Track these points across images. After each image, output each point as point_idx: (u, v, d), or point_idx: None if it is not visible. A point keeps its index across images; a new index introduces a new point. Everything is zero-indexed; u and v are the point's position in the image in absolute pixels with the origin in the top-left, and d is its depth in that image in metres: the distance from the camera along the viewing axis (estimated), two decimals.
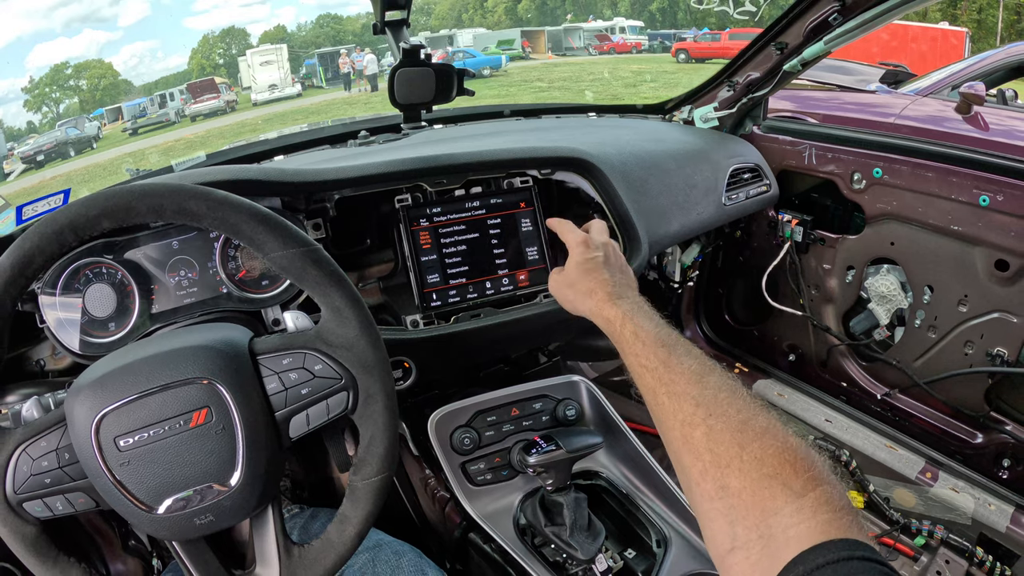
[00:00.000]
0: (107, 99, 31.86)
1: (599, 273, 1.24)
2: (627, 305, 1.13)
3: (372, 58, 26.33)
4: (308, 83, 30.92)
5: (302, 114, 22.71)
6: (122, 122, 26.76)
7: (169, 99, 26.67)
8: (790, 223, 2.31)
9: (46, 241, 0.91)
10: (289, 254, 0.97)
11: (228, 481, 0.93)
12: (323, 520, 1.61)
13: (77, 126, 24.01)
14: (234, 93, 28.25)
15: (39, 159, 21.39)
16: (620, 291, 1.19)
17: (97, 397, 0.90)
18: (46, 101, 33.26)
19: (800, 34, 1.98)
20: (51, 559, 0.93)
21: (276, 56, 28.91)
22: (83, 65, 34.86)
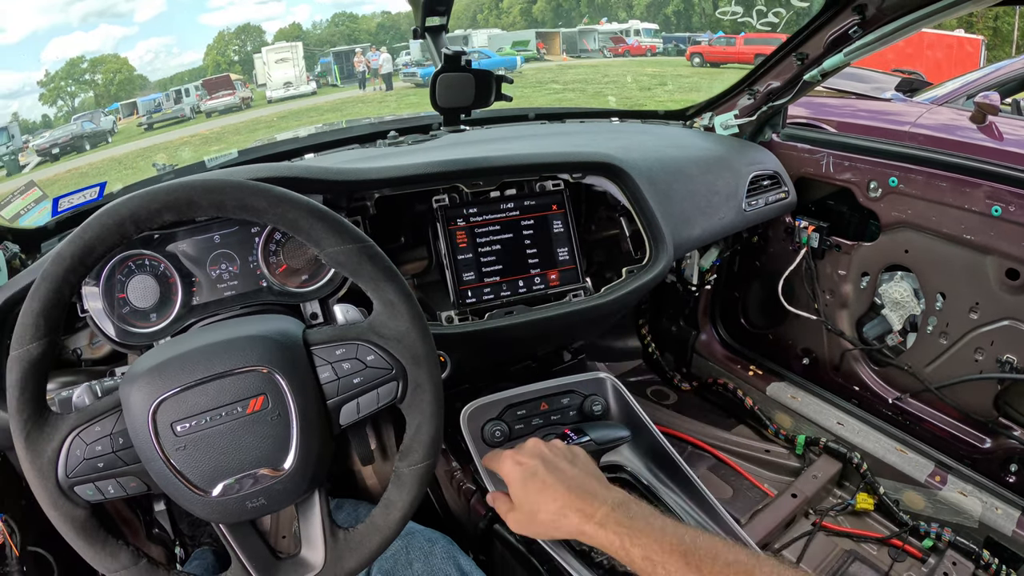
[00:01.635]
0: (122, 94, 31.96)
1: (552, 488, 1.13)
2: (614, 524, 1.04)
3: (387, 57, 26.41)
4: (323, 81, 30.89)
5: (317, 112, 22.66)
6: (137, 117, 26.86)
7: (184, 95, 26.73)
8: (807, 229, 2.34)
9: (107, 232, 0.93)
10: (345, 249, 1.00)
11: (281, 466, 0.96)
12: (348, 510, 1.65)
13: (92, 120, 24.07)
14: (249, 90, 28.29)
15: (54, 152, 21.43)
16: (590, 499, 1.09)
17: (155, 384, 0.93)
18: (61, 95, 33.36)
19: (820, 45, 2.02)
20: (100, 541, 0.95)
21: (291, 54, 28.94)
22: (99, 60, 34.97)
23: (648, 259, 1.80)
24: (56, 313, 0.93)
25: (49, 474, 0.92)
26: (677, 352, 2.95)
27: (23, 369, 0.92)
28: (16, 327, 0.92)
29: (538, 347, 2.11)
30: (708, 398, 2.80)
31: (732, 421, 2.63)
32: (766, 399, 2.54)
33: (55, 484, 0.92)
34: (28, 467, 0.93)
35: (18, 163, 21.32)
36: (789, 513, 2.11)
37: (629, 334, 3.04)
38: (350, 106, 23.50)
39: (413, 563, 1.40)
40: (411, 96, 23.26)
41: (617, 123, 2.57)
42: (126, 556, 0.96)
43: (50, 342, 0.93)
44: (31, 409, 0.93)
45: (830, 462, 2.28)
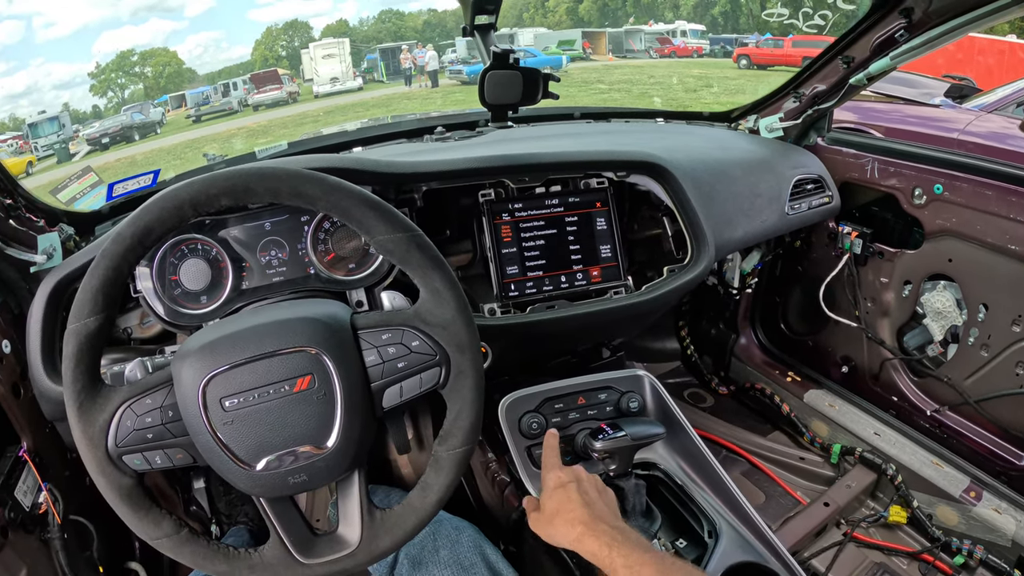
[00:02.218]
0: (171, 86, 32.43)
1: (574, 502, 1.24)
2: (607, 536, 1.14)
3: (433, 54, 26.45)
4: (369, 77, 31.03)
5: (363, 107, 22.73)
6: (185, 109, 27.20)
7: (232, 88, 27.03)
8: (850, 235, 2.32)
9: (167, 214, 0.97)
10: (395, 238, 1.03)
11: (324, 444, 0.99)
12: (381, 496, 1.68)
13: (142, 111, 24.41)
14: (296, 85, 28.51)
15: (104, 141, 21.80)
16: (598, 520, 1.19)
17: (206, 361, 0.97)
18: (111, 86, 33.97)
19: (867, 49, 2.01)
20: (144, 509, 0.98)
21: (338, 50, 29.09)
22: (149, 53, 35.55)
23: (690, 259, 1.81)
24: (113, 290, 0.97)
25: (99, 443, 0.96)
26: (715, 355, 2.94)
27: (79, 342, 0.95)
28: (74, 302, 0.96)
29: (578, 342, 2.13)
30: (745, 403, 2.79)
31: (768, 427, 2.63)
32: (803, 406, 2.52)
33: (104, 453, 0.96)
34: (79, 436, 0.96)
35: (68, 151, 21.70)
36: (821, 522, 2.11)
37: (668, 335, 3.04)
38: (396, 102, 23.63)
39: (440, 549, 1.42)
40: (456, 93, 23.23)
41: (662, 123, 2.58)
42: (169, 524, 0.99)
43: (107, 317, 0.97)
44: (85, 380, 0.96)
45: (865, 472, 2.26)
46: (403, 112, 19.56)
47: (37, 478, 1.48)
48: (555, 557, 1.53)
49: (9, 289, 1.53)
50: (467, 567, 1.39)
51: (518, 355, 1.95)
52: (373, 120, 3.05)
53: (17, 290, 1.54)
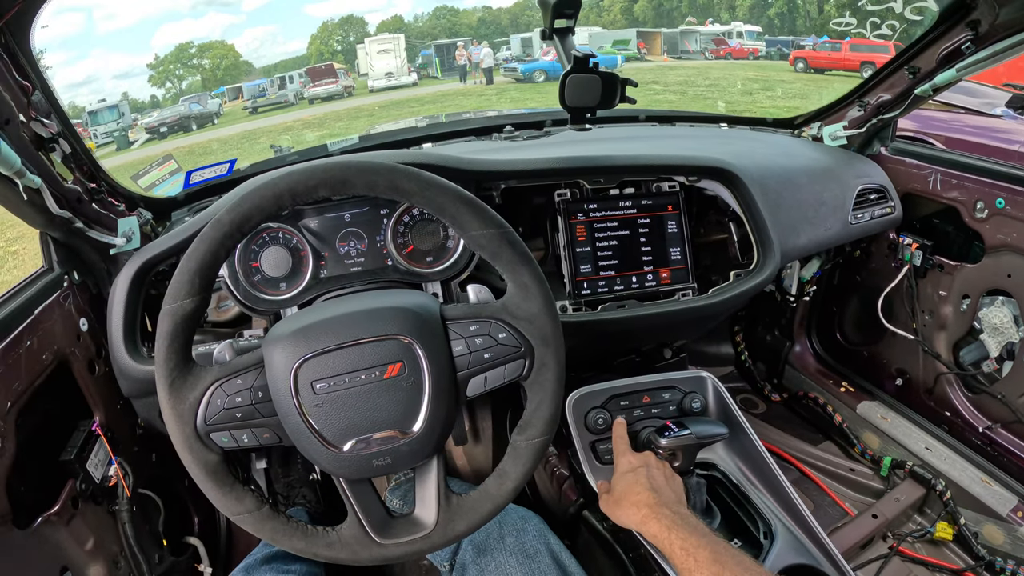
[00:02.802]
0: (228, 78, 32.86)
1: (642, 486, 1.31)
2: (668, 520, 1.20)
3: (488, 51, 26.38)
4: (423, 73, 31.12)
5: (418, 103, 22.82)
6: (242, 101, 27.59)
7: (288, 81, 27.34)
8: (910, 247, 2.30)
9: (267, 202, 1.01)
10: (487, 234, 1.07)
11: (410, 429, 1.03)
12: None
13: (200, 102, 24.81)
14: (351, 79, 28.74)
15: (162, 130, 22.24)
16: (663, 504, 1.25)
17: (300, 344, 1.01)
18: (170, 77, 34.56)
19: (933, 60, 2.00)
20: (228, 485, 1.02)
21: (393, 45, 29.22)
22: (206, 45, 36.12)
23: (755, 264, 1.83)
24: (210, 273, 1.01)
25: (189, 420, 1.00)
26: (769, 362, 2.94)
27: (175, 322, 0.99)
28: (171, 284, 1.00)
29: (644, 342, 2.15)
30: (797, 411, 2.78)
31: (819, 436, 2.62)
32: (856, 417, 2.51)
33: (193, 430, 1.00)
34: (169, 412, 1.00)
35: (127, 139, 22.13)
36: (867, 534, 2.10)
37: (723, 340, 3.04)
38: (450, 98, 23.54)
39: (505, 537, 1.45)
40: (511, 91, 23.18)
41: (726, 129, 2.59)
42: (251, 500, 1.03)
43: (202, 299, 1.01)
44: (178, 359, 1.00)
45: (914, 487, 2.24)
46: (458, 109, 19.48)
47: (108, 451, 1.53)
48: (609, 551, 1.56)
49: (89, 270, 1.60)
50: (531, 555, 1.41)
51: (586, 352, 1.98)
52: (428, 117, 3.10)
53: (96, 271, 1.61)
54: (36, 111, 1.34)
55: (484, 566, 1.42)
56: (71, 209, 1.46)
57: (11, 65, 1.25)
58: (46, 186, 1.33)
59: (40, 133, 1.34)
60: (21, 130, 1.28)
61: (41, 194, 1.33)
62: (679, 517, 1.21)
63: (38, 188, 1.31)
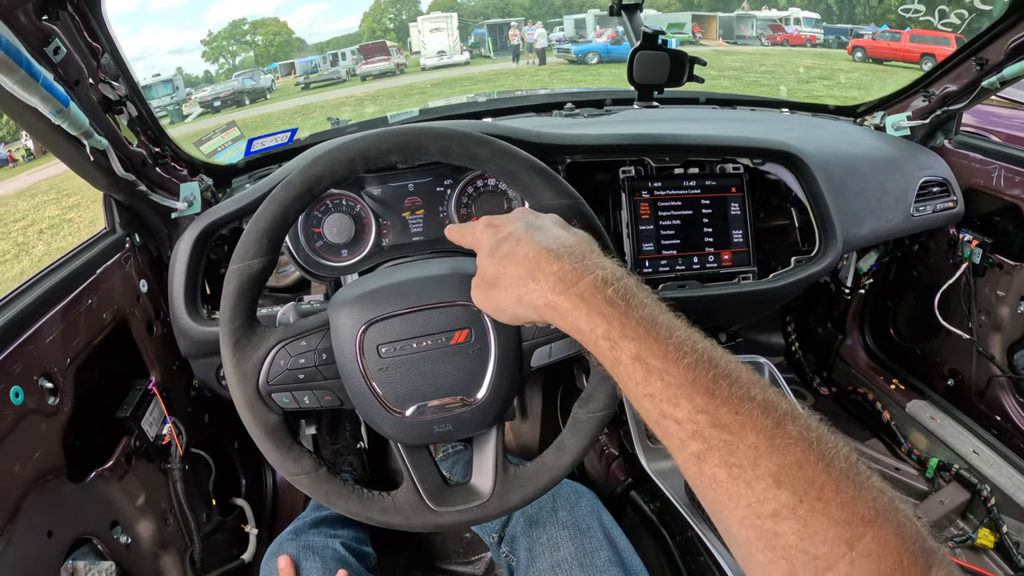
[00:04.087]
0: (281, 55, 33.49)
1: (523, 247, 0.82)
2: (599, 297, 0.72)
3: (542, 32, 26.48)
4: (476, 52, 31.29)
5: (470, 81, 22.96)
6: (294, 77, 28.19)
7: (340, 58, 27.88)
8: (970, 243, 2.26)
9: (339, 165, 1.02)
10: (560, 204, 1.07)
11: (473, 396, 1.04)
12: None
13: (253, 77, 25.45)
14: (403, 57, 29.09)
15: (216, 104, 22.95)
16: (574, 262, 0.77)
17: (366, 308, 1.02)
18: (223, 53, 35.34)
19: (1001, 52, 1.94)
20: (287, 446, 1.03)
21: (446, 24, 29.43)
22: (260, 22, 36.76)
23: (817, 251, 1.81)
24: (279, 235, 1.02)
25: (251, 379, 1.01)
26: (820, 354, 2.91)
27: (242, 281, 1.00)
28: (240, 243, 1.01)
29: (701, 323, 2.08)
30: (845, 406, 2.75)
31: (866, 433, 2.59)
32: (904, 415, 2.48)
33: (255, 389, 1.01)
34: (231, 371, 1.02)
35: (181, 112, 22.69)
36: None
37: (774, 329, 3.02)
38: (503, 78, 23.77)
39: (558, 511, 1.45)
40: (564, 72, 23.22)
41: (788, 114, 2.56)
42: (309, 462, 1.04)
43: (270, 260, 1.02)
44: (243, 319, 1.02)
45: (959, 491, 2.20)
46: (510, 88, 19.54)
47: (164, 411, 1.57)
48: (654, 533, 1.57)
49: (150, 233, 1.63)
50: (584, 530, 1.40)
51: None
52: (480, 95, 3.10)
53: (157, 234, 1.64)
54: (105, 73, 1.36)
55: (536, 539, 1.42)
56: (135, 172, 1.48)
57: (82, 27, 1.26)
58: (112, 148, 1.35)
59: (108, 95, 1.35)
60: (90, 92, 1.30)
61: (107, 156, 1.35)
62: (616, 290, 0.72)
63: (104, 150, 1.33)
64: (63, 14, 1.19)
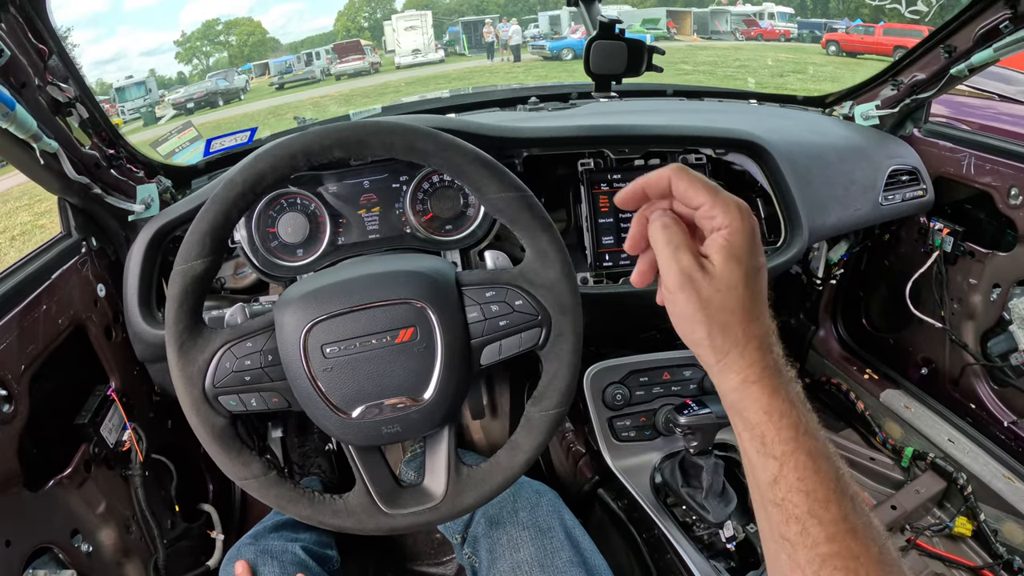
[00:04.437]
0: (255, 55, 33.47)
1: (757, 301, 0.76)
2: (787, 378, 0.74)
3: (517, 29, 26.58)
4: (451, 50, 31.37)
5: (444, 79, 23.07)
6: (269, 77, 28.21)
7: (315, 58, 27.98)
8: (941, 232, 2.25)
9: (280, 162, 0.99)
10: (506, 197, 1.04)
11: (421, 396, 1.01)
12: None
13: (226, 78, 25.46)
14: (378, 55, 29.15)
15: (189, 106, 22.88)
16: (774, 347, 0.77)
17: (310, 307, 1.00)
18: (197, 54, 35.30)
19: (970, 39, 1.93)
20: (235, 450, 1.02)
21: (420, 22, 29.53)
22: (233, 22, 36.78)
23: (782, 242, 1.79)
24: (222, 234, 1.00)
25: (197, 382, 0.99)
26: (793, 346, 2.89)
27: (185, 283, 0.98)
28: (183, 245, 0.99)
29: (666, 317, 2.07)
30: (819, 396, 2.75)
31: (840, 424, 2.59)
32: (879, 405, 2.48)
33: (201, 392, 1.00)
34: (177, 374, 1.00)
35: (154, 115, 22.66)
36: (885, 525, 2.01)
37: None
38: (478, 75, 23.88)
39: (519, 511, 1.43)
40: (539, 68, 23.26)
41: (755, 105, 2.54)
42: (257, 466, 1.03)
43: (213, 261, 1.00)
44: (188, 321, 1.00)
45: (935, 479, 2.20)
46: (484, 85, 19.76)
47: (123, 416, 1.55)
48: (623, 531, 1.54)
49: (107, 236, 1.61)
50: (544, 530, 1.39)
51: (606, 326, 1.93)
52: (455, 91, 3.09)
53: (114, 237, 1.62)
54: (53, 75, 1.34)
55: (496, 539, 1.41)
56: (89, 175, 1.46)
57: (27, 29, 1.24)
58: (63, 150, 1.34)
59: (57, 98, 1.34)
60: (38, 94, 1.28)
61: (58, 159, 1.34)
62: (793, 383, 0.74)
63: (55, 152, 1.32)
64: (6, 16, 1.18)
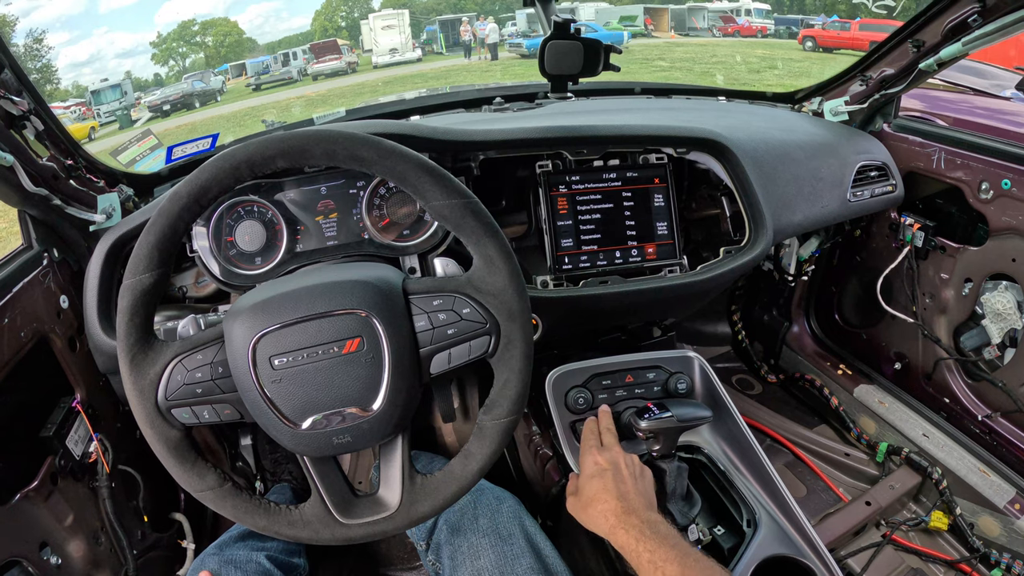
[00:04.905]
0: (231, 56, 33.25)
1: (609, 493, 1.26)
2: (636, 530, 1.17)
3: (494, 27, 26.50)
4: (428, 49, 31.32)
5: (421, 79, 23.06)
6: (245, 78, 28.03)
7: (292, 58, 27.85)
8: (912, 227, 2.25)
9: (224, 174, 0.99)
10: (450, 204, 1.03)
11: (370, 407, 1.00)
12: (424, 461, 1.72)
13: (203, 80, 25.35)
14: (355, 55, 29.10)
15: (165, 108, 22.70)
16: (630, 512, 1.21)
17: (258, 319, 0.98)
18: (173, 55, 35.08)
19: (938, 33, 1.93)
20: (190, 462, 1.01)
21: (398, 21, 29.48)
22: (210, 23, 36.51)
23: (747, 241, 1.77)
24: (169, 247, 0.99)
25: (149, 395, 0.98)
26: (767, 342, 2.91)
27: (134, 297, 0.98)
28: (131, 258, 0.98)
29: (629, 319, 2.11)
30: (793, 393, 2.76)
31: (815, 419, 2.59)
32: (853, 401, 2.49)
33: (154, 405, 0.99)
34: (130, 388, 0.99)
35: (130, 118, 22.48)
36: (860, 521, 2.08)
37: (720, 319, 3.02)
38: (455, 74, 23.78)
39: (479, 518, 1.43)
40: (516, 67, 23.27)
41: (724, 102, 2.54)
42: (213, 478, 1.02)
43: (162, 274, 0.99)
44: (138, 334, 0.99)
45: (909, 474, 2.21)
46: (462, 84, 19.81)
47: (89, 428, 1.54)
48: (591, 533, 1.53)
49: (69, 247, 1.59)
50: (505, 537, 1.39)
51: (568, 329, 1.94)
52: (431, 90, 3.07)
53: (76, 248, 1.60)
54: (5, 89, 1.33)
55: (457, 546, 1.41)
56: (47, 186, 1.45)
57: None
58: (19, 163, 1.33)
59: (10, 111, 1.33)
60: None
61: (14, 171, 1.33)
62: (648, 526, 1.18)
63: (11, 166, 1.31)
64: None
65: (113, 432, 1.64)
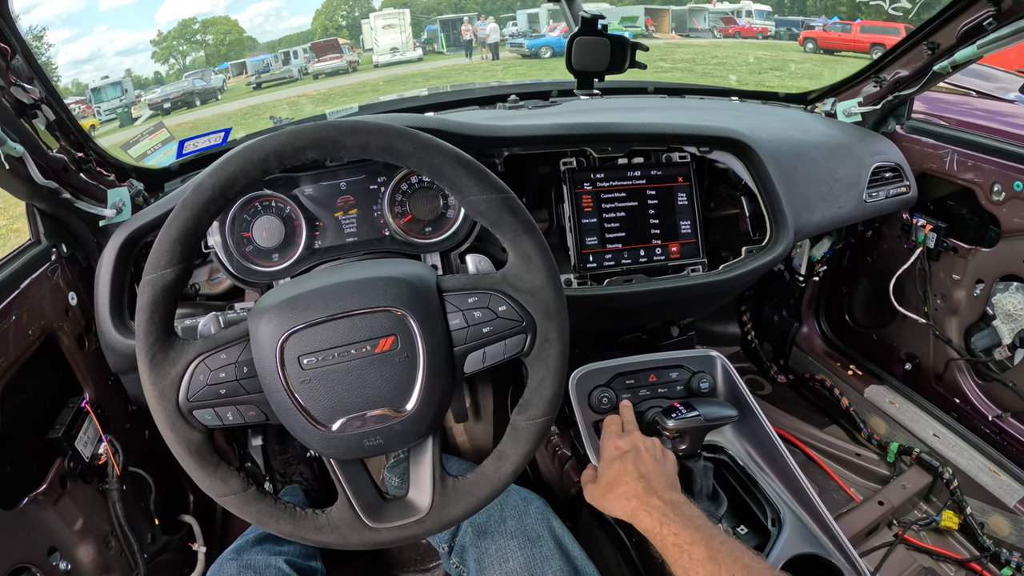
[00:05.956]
0: (232, 54, 33.10)
1: (630, 475, 1.24)
2: (659, 512, 1.14)
3: (495, 27, 26.44)
4: (429, 48, 31.23)
5: (423, 78, 22.97)
6: (246, 76, 27.89)
7: (293, 56, 27.73)
8: (924, 228, 2.24)
9: (252, 165, 0.95)
10: (488, 199, 1.00)
11: (403, 407, 0.98)
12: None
13: (203, 78, 25.16)
14: (356, 54, 28.97)
15: (166, 106, 22.60)
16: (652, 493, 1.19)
17: (286, 316, 0.95)
18: (173, 54, 34.93)
19: (953, 36, 1.92)
20: (212, 465, 0.98)
21: (399, 20, 29.38)
22: (210, 21, 36.32)
23: (768, 240, 1.77)
24: (192, 241, 0.96)
25: (170, 397, 0.95)
26: (776, 343, 2.90)
27: (155, 293, 0.94)
28: (152, 253, 0.95)
29: (651, 318, 2.10)
30: (803, 393, 2.75)
31: (825, 420, 2.59)
32: (863, 401, 2.48)
33: (175, 407, 0.96)
34: (149, 388, 0.96)
35: (131, 115, 22.40)
36: (872, 521, 2.08)
37: (730, 320, 3.01)
38: (456, 74, 23.70)
39: (507, 520, 1.41)
40: (517, 67, 23.26)
41: (737, 102, 2.53)
42: (236, 482, 0.99)
43: (184, 269, 0.96)
44: (159, 332, 0.95)
45: (920, 474, 2.21)
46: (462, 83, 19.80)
47: (98, 429, 1.50)
48: (611, 534, 1.52)
49: (78, 242, 1.56)
50: (534, 539, 1.37)
51: (591, 328, 1.93)
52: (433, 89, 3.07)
53: (85, 243, 1.57)
54: (17, 76, 1.29)
55: (484, 549, 1.38)
56: (57, 179, 1.41)
57: None
58: (29, 154, 1.29)
59: (21, 99, 1.29)
60: (1, 96, 1.24)
61: (24, 163, 1.29)
62: (671, 507, 1.15)
63: (20, 156, 1.27)
64: None
65: (122, 433, 1.61)
